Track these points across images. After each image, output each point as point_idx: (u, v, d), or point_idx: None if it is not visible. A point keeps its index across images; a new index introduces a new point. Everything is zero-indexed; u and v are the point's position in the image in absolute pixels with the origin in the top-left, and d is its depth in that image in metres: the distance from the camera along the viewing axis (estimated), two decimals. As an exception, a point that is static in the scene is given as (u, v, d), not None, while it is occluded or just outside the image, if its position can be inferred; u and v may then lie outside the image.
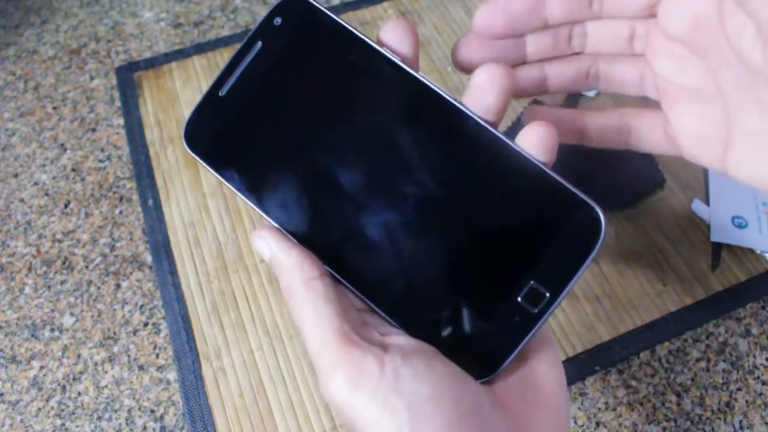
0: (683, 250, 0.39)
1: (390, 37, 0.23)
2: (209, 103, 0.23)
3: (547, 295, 0.20)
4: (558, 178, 0.21)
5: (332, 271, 0.22)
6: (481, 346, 0.21)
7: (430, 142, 0.22)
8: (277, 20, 0.23)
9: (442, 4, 0.52)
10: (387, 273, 0.22)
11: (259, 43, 0.23)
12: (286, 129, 0.23)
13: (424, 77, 0.22)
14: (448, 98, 0.22)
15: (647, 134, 0.24)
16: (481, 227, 0.21)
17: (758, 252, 0.39)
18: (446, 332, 0.21)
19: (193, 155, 0.23)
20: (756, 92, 0.19)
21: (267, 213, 0.22)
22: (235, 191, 0.23)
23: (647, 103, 0.25)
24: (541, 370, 0.21)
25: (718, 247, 0.39)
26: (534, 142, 0.21)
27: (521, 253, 0.21)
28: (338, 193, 0.22)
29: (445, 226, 0.21)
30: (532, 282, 0.20)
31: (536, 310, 0.20)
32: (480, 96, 0.21)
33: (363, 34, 0.23)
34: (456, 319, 0.21)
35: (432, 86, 0.22)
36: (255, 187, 0.22)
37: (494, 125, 0.22)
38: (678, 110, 0.23)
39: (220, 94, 0.23)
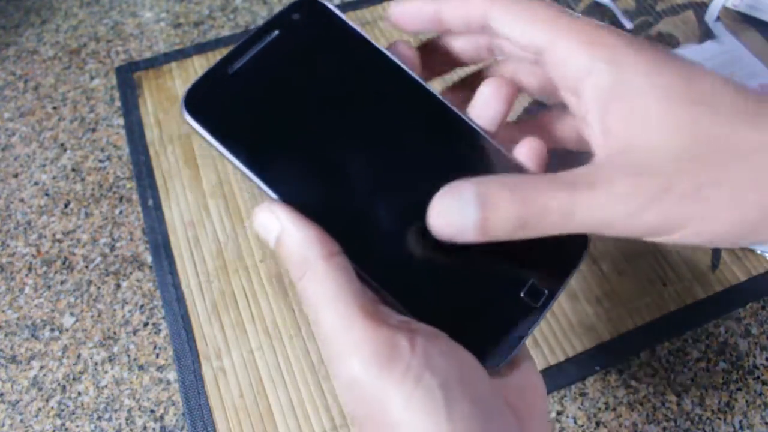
0: (683, 250, 0.39)
1: (398, 48, 0.25)
2: (215, 77, 0.23)
3: (546, 291, 0.23)
4: None
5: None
6: (489, 338, 0.22)
7: (434, 149, 0.24)
8: (296, 15, 0.25)
9: (442, 4, 0.52)
10: (402, 263, 0.22)
11: (276, 31, 0.24)
12: (295, 113, 0.23)
13: (429, 86, 0.24)
14: (454, 110, 0.24)
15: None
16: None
17: (758, 252, 0.39)
18: (457, 323, 0.22)
19: (193, 123, 0.22)
20: None
21: (275, 189, 0.22)
22: (239, 164, 0.22)
23: None
24: (532, 376, 0.22)
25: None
26: (528, 155, 0.23)
27: (523, 256, 0.23)
28: (354, 184, 0.22)
29: None
30: (532, 280, 0.23)
31: (537, 305, 0.22)
32: (486, 107, 0.24)
33: (370, 38, 0.25)
34: (466, 310, 0.22)
35: (436, 93, 0.24)
36: (261, 164, 0.22)
37: (493, 135, 0.24)
38: None
39: (228, 71, 0.23)
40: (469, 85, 0.26)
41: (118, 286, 0.40)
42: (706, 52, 0.48)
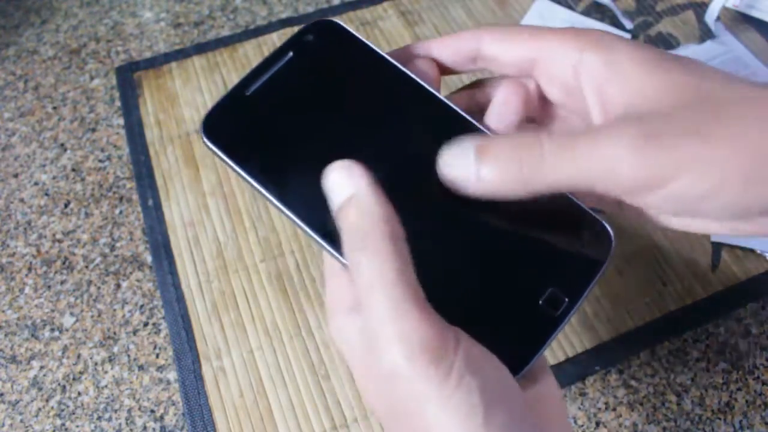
0: (683, 250, 0.39)
1: (417, 64, 0.25)
2: (232, 101, 0.24)
3: (566, 300, 0.22)
4: (578, 201, 0.23)
5: None
6: (508, 346, 0.21)
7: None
8: (309, 37, 0.25)
9: (442, 4, 0.52)
10: (425, 270, 0.22)
11: (291, 53, 0.25)
12: (311, 133, 0.24)
13: (450, 102, 0.24)
14: (476, 124, 0.24)
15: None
16: (510, 240, 0.23)
17: (758, 252, 0.39)
18: (476, 333, 0.21)
19: (212, 146, 0.23)
20: None
21: (290, 209, 0.22)
22: (256, 185, 0.23)
23: None
24: (551, 389, 0.22)
25: (718, 247, 0.39)
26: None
27: (545, 263, 0.23)
28: None
29: (477, 238, 0.23)
30: (551, 288, 0.22)
31: (557, 314, 0.22)
32: (503, 112, 0.24)
33: (386, 54, 0.25)
34: (485, 319, 0.22)
35: (453, 106, 0.24)
36: (276, 184, 0.23)
37: None
38: None
39: (245, 95, 0.24)
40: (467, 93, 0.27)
41: (118, 286, 0.40)
42: (706, 52, 0.48)
